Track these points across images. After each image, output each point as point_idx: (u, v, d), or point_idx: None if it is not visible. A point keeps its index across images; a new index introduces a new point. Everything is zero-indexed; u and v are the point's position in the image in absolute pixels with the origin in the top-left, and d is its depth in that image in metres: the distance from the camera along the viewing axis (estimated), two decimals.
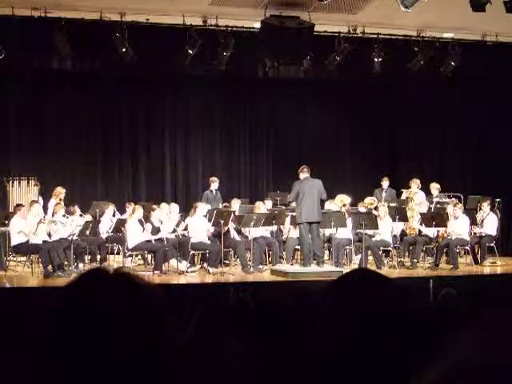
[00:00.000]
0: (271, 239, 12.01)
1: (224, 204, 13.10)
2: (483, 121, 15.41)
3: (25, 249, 10.91)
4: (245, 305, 1.31)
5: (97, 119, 14.87)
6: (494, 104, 15.29)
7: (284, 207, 13.26)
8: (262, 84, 14.92)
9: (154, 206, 12.18)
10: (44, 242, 10.81)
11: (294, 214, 12.19)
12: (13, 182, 13.84)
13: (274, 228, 12.26)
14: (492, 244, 12.48)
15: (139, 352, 1.08)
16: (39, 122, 14.47)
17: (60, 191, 12.47)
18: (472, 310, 1.69)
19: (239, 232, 11.92)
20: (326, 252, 12.47)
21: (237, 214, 12.00)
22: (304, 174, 11.45)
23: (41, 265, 10.79)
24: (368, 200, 13.00)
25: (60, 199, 12.47)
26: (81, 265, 11.19)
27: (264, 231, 11.94)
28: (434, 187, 13.45)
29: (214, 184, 13.60)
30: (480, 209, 12.90)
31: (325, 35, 13.23)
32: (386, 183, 13.96)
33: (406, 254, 12.32)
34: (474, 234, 12.60)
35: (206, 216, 11.74)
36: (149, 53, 12.90)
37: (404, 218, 12.25)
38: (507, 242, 13.76)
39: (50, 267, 10.44)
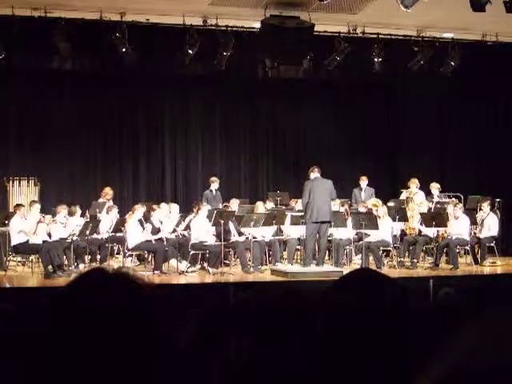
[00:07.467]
0: (271, 239, 12.01)
1: (224, 204, 13.09)
2: (483, 121, 15.42)
3: (25, 249, 10.91)
4: (246, 304, 1.31)
5: (97, 119, 14.87)
6: (493, 104, 15.30)
7: (284, 207, 13.26)
8: (262, 84, 14.92)
9: (154, 206, 12.18)
10: (44, 241, 10.81)
11: (293, 213, 12.20)
12: (13, 182, 13.85)
13: (274, 228, 12.24)
14: (492, 244, 12.48)
15: (139, 352, 1.08)
16: (39, 121, 14.48)
17: (107, 192, 12.62)
18: (472, 309, 1.69)
19: (240, 232, 11.92)
20: (326, 252, 12.47)
21: (236, 213, 12.00)
22: (315, 174, 11.49)
23: (41, 265, 10.79)
24: (372, 201, 13.00)
25: (107, 199, 12.60)
26: (81, 265, 11.19)
27: (264, 231, 11.93)
28: (434, 187, 13.45)
29: (214, 184, 13.61)
30: (480, 209, 12.90)
31: (325, 35, 13.24)
32: (364, 183, 14.00)
33: (406, 254, 12.31)
34: (474, 234, 12.60)
35: (208, 217, 11.74)
36: (149, 53, 12.93)
37: (404, 217, 12.25)
38: (507, 242, 13.75)
39: (50, 267, 10.44)
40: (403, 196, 13.50)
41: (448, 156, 15.97)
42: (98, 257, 11.68)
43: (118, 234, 11.60)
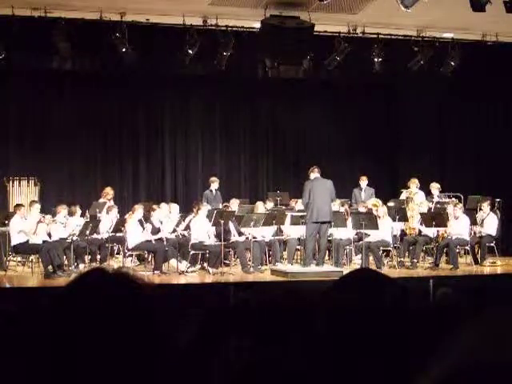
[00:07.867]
0: (271, 239, 12.01)
1: (224, 204, 13.10)
2: (483, 121, 15.42)
3: (25, 249, 10.91)
4: (246, 304, 1.31)
5: (97, 119, 14.86)
6: (493, 104, 15.29)
7: (284, 207, 13.26)
8: (262, 84, 14.92)
9: (154, 206, 12.18)
10: (44, 241, 10.81)
11: (293, 213, 12.19)
12: (13, 182, 13.85)
13: (274, 228, 12.24)
14: (492, 244, 12.48)
15: (139, 352, 1.08)
16: (39, 121, 14.48)
17: (108, 192, 12.65)
18: (472, 309, 1.69)
19: (240, 232, 11.92)
20: (326, 252, 12.47)
21: (236, 213, 11.99)
22: (315, 174, 11.49)
23: (41, 265, 10.79)
24: (372, 201, 13.00)
25: (108, 199, 12.61)
26: (81, 265, 11.19)
27: (264, 231, 11.93)
28: (434, 187, 13.45)
29: (214, 184, 13.62)
30: (480, 209, 12.89)
31: (325, 35, 13.24)
32: (363, 183, 14.02)
33: (406, 254, 12.31)
34: (474, 233, 12.60)
35: (208, 217, 11.73)
36: (149, 53, 12.93)
37: (404, 218, 12.25)
38: (507, 242, 13.75)
39: (50, 267, 10.44)
40: (403, 196, 13.50)
41: (448, 156, 15.96)
42: (98, 257, 11.68)
43: (118, 234, 11.60)
